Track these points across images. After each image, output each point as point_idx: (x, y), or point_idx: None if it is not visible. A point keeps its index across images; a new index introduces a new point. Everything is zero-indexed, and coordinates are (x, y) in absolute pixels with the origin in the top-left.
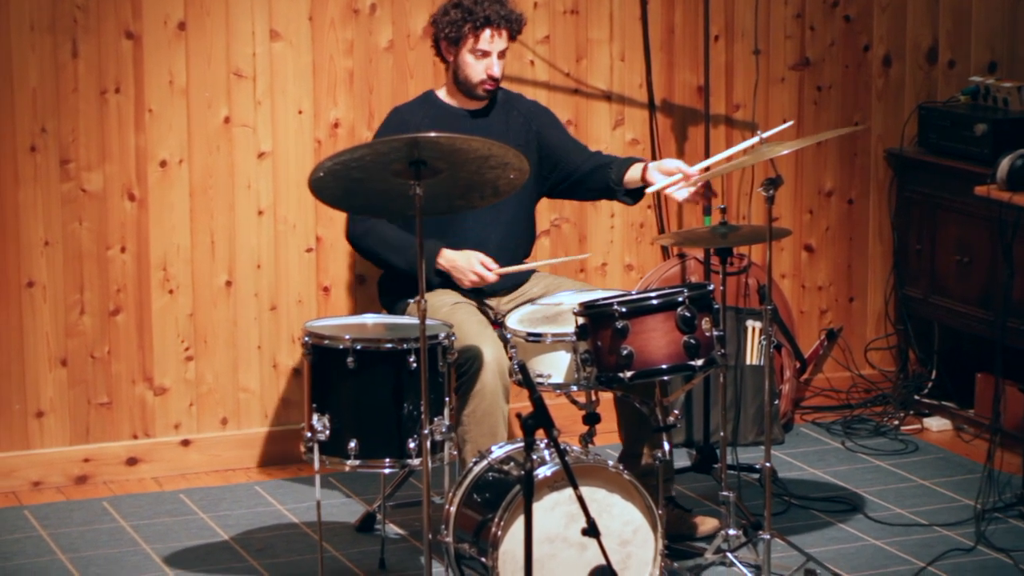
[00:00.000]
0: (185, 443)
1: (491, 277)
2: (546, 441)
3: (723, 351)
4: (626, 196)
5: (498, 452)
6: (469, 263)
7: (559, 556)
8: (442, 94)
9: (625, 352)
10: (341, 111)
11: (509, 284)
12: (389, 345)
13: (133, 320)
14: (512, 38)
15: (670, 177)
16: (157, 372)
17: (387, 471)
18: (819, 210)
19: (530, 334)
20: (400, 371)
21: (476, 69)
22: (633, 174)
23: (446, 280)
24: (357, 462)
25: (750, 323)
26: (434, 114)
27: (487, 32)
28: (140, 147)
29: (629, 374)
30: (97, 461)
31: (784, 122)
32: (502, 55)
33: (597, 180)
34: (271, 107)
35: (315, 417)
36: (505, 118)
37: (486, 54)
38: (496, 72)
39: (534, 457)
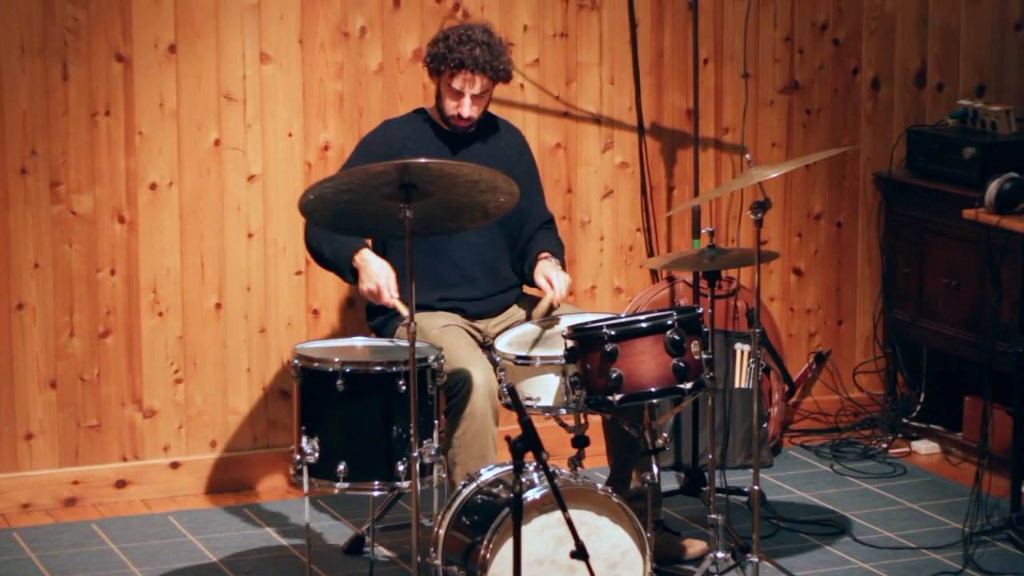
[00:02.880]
0: (174, 465)
1: (385, 297)
2: (535, 464)
3: (712, 374)
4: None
5: (487, 475)
6: (377, 273)
7: None
8: (433, 113)
9: (614, 375)
10: (331, 134)
11: (497, 307)
12: (379, 368)
13: (123, 342)
14: (495, 82)
15: (545, 284)
16: (147, 394)
17: (376, 494)
18: (808, 233)
19: (519, 357)
20: (389, 394)
21: (449, 104)
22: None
23: (438, 303)
24: (346, 485)
25: (739, 346)
26: (422, 132)
27: (462, 74)
28: (130, 170)
29: (618, 397)
30: (86, 483)
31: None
32: (479, 98)
33: (521, 248)
34: (261, 130)
35: (304, 440)
36: (494, 143)
37: (459, 94)
38: (466, 113)
39: (523, 480)
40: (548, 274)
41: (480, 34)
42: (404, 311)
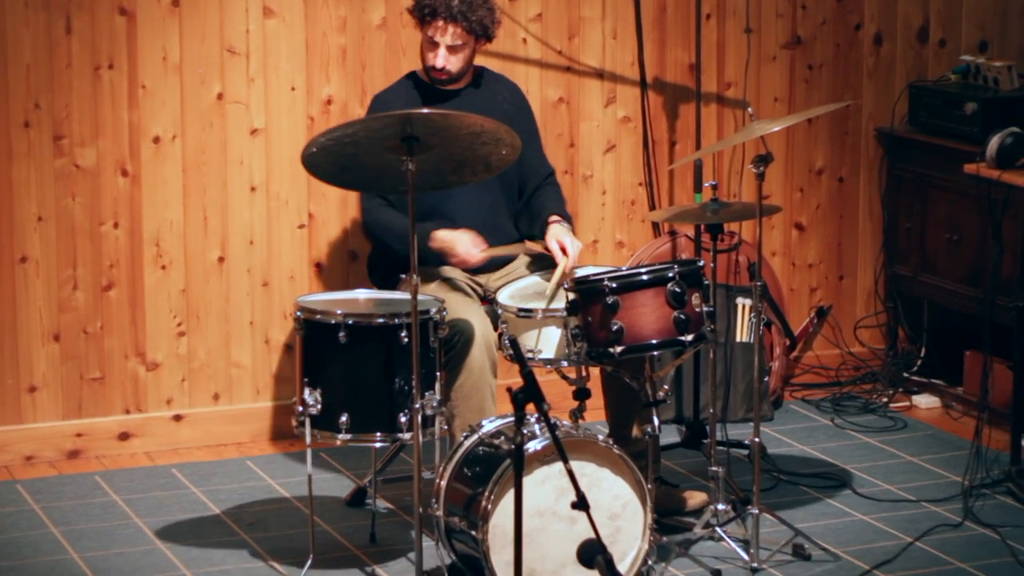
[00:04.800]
0: (177, 418)
1: (473, 259)
2: (536, 416)
3: (713, 327)
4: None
5: (488, 426)
6: (454, 243)
7: (549, 529)
8: (423, 73)
9: (615, 327)
10: (334, 88)
11: (499, 262)
12: (381, 320)
13: (126, 295)
14: (475, 35)
15: (558, 251)
16: (149, 347)
17: (378, 445)
18: (809, 188)
19: (521, 309)
20: (391, 346)
21: (427, 56)
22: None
23: (437, 257)
24: (348, 436)
25: (740, 301)
26: (413, 95)
27: (435, 23)
28: (133, 123)
29: (619, 349)
30: (89, 436)
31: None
32: (455, 50)
33: (525, 204)
34: (264, 84)
35: (307, 392)
36: (488, 99)
37: (434, 45)
38: (439, 64)
39: (524, 431)
40: (562, 240)
41: None
42: (500, 252)
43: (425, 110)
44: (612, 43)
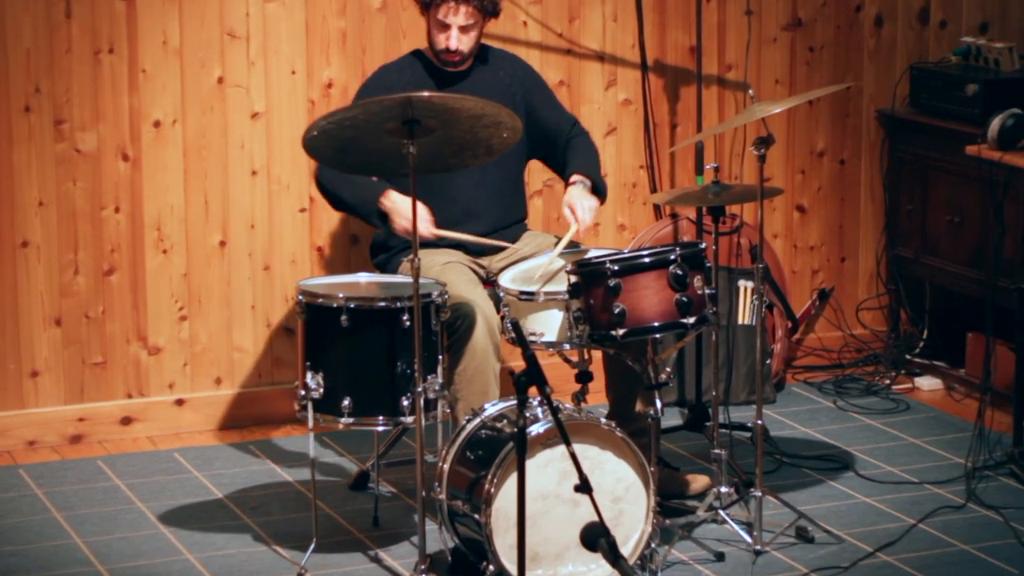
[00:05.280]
0: (179, 402)
1: (424, 231)
2: (539, 399)
3: (715, 309)
4: None
5: (491, 410)
6: (409, 211)
7: (552, 513)
8: (429, 53)
9: (617, 310)
10: (334, 71)
11: (497, 247)
12: (383, 303)
13: (127, 280)
14: (485, 13)
15: (569, 215)
16: (151, 332)
17: (381, 429)
18: (811, 170)
19: (523, 292)
20: (394, 329)
21: (438, 39)
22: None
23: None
24: (351, 420)
25: (742, 283)
26: (418, 73)
27: (445, 5)
28: (134, 107)
29: (621, 332)
30: (91, 420)
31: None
32: (466, 30)
33: (559, 163)
34: (264, 67)
35: (309, 375)
36: (491, 77)
37: (446, 27)
38: (453, 45)
39: (527, 414)
40: (572, 203)
41: None
42: (450, 235)
43: (425, 93)
44: (612, 25)
